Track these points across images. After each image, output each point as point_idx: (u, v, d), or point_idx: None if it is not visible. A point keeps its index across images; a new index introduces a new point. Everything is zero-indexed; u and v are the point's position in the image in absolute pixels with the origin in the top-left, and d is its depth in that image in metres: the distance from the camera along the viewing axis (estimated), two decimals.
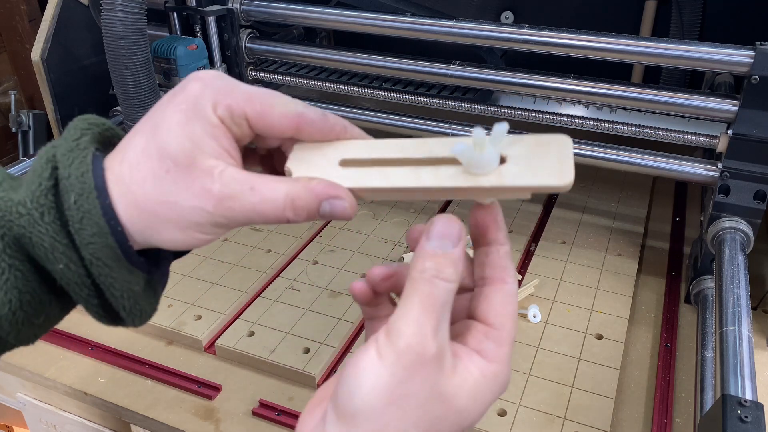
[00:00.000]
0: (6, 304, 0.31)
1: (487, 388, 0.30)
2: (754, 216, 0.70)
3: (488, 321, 0.31)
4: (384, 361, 0.28)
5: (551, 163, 0.30)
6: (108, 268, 0.30)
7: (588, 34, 0.73)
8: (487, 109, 0.86)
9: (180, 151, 0.30)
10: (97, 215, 0.29)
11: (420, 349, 0.28)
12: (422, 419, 0.28)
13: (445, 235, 0.30)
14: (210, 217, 0.30)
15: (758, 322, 0.72)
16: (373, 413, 0.28)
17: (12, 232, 0.30)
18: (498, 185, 0.30)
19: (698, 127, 0.77)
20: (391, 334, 0.28)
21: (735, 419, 0.45)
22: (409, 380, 0.28)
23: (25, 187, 0.30)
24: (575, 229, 0.89)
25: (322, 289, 0.78)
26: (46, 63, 0.93)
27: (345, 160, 0.33)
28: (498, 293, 0.32)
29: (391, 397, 0.28)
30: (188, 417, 0.63)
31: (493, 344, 0.31)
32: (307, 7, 0.87)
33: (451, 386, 0.29)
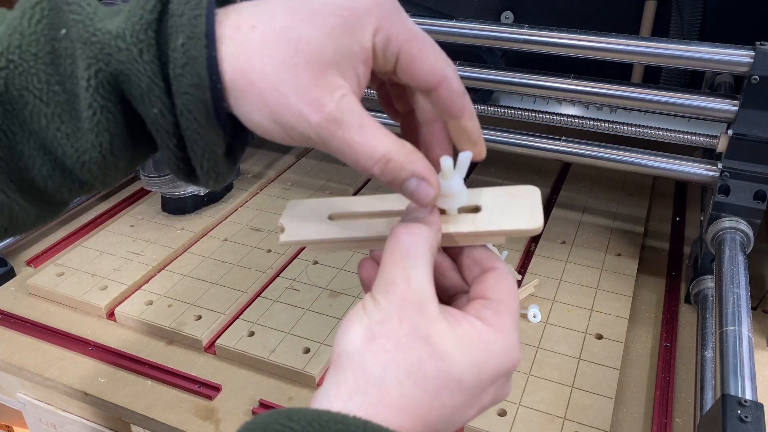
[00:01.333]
0: (96, 147, 0.29)
1: (482, 344, 0.30)
2: (754, 216, 0.70)
3: (486, 296, 0.32)
4: (366, 309, 0.30)
5: (523, 209, 0.33)
6: (197, 123, 0.29)
7: (588, 34, 0.73)
8: (487, 109, 0.86)
9: (318, 53, 0.29)
10: (201, 65, 0.28)
11: (396, 293, 0.29)
12: (402, 358, 0.28)
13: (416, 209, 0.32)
14: (307, 128, 0.29)
15: (758, 322, 0.72)
16: (355, 352, 0.29)
17: (109, 67, 0.28)
18: (474, 230, 0.33)
19: (698, 127, 0.77)
20: (372, 291, 0.30)
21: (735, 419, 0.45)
22: (387, 320, 0.29)
23: (124, 17, 0.29)
24: (575, 229, 0.89)
25: (322, 289, 0.78)
26: None
27: (334, 214, 0.35)
28: (491, 275, 0.33)
29: (370, 336, 0.29)
30: (188, 417, 0.63)
31: (491, 312, 0.31)
32: None
33: (435, 330, 0.29)
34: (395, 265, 0.30)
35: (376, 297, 0.30)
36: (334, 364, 0.30)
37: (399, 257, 0.30)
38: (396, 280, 0.30)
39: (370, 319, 0.29)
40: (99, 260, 0.83)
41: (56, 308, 0.78)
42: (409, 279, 0.30)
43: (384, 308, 0.29)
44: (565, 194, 0.98)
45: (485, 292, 0.32)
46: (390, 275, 0.30)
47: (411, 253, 0.30)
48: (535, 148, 0.83)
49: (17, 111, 0.29)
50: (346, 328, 0.30)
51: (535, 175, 1.02)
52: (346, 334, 0.30)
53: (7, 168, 0.30)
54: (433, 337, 0.29)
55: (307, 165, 1.08)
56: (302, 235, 0.35)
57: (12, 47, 0.28)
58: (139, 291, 0.78)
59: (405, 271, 0.30)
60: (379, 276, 0.31)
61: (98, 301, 0.76)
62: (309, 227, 0.35)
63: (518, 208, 0.33)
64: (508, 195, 0.34)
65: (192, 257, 0.85)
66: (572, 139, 0.81)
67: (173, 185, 0.91)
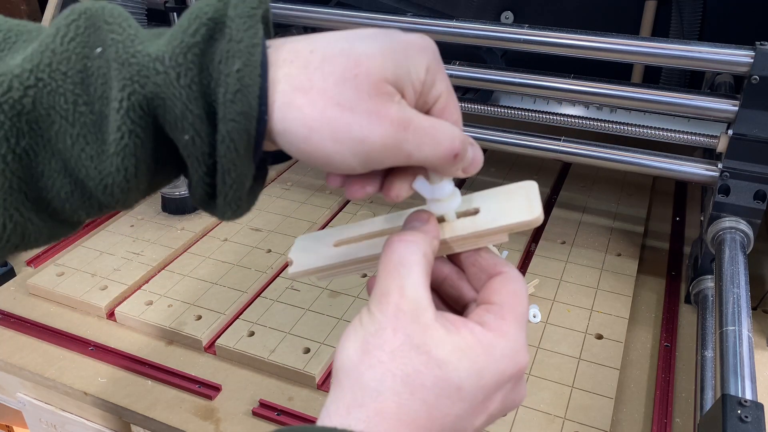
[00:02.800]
0: (121, 172, 0.29)
1: (481, 350, 0.29)
2: (754, 216, 0.70)
3: (489, 300, 0.32)
4: (362, 321, 0.30)
5: (521, 203, 0.32)
6: (236, 153, 0.28)
7: (588, 34, 0.73)
8: (487, 109, 0.86)
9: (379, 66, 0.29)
10: (253, 93, 0.27)
11: (390, 303, 0.29)
12: (398, 368, 0.28)
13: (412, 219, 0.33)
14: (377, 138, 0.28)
15: (758, 322, 0.72)
16: (351, 365, 0.29)
17: (144, 90, 0.28)
18: (473, 231, 0.33)
19: (698, 127, 0.77)
20: (369, 303, 0.31)
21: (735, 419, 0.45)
22: (381, 331, 0.29)
23: (166, 41, 0.28)
24: (575, 229, 0.89)
25: (322, 289, 0.78)
26: None
27: (339, 241, 0.36)
28: (497, 279, 0.33)
29: (365, 349, 0.29)
30: (188, 417, 0.63)
31: (493, 316, 0.31)
32: (307, 7, 0.87)
33: (431, 338, 0.29)
34: (389, 275, 0.30)
35: (371, 309, 0.30)
36: (333, 380, 0.30)
37: (392, 267, 0.30)
38: (390, 290, 0.30)
39: (365, 332, 0.29)
40: (99, 260, 0.83)
41: (56, 308, 0.78)
42: (402, 288, 0.30)
43: (378, 319, 0.29)
44: (565, 194, 0.98)
45: (489, 297, 0.32)
46: (384, 286, 0.30)
47: (404, 261, 0.30)
48: (535, 148, 0.83)
49: (43, 130, 0.28)
50: (342, 342, 0.30)
51: (535, 175, 1.02)
52: (342, 348, 0.30)
53: (26, 188, 0.29)
54: (428, 346, 0.28)
55: (307, 165, 1.08)
56: (309, 264, 0.36)
57: (42, 65, 0.28)
58: (139, 291, 0.78)
59: (399, 280, 0.30)
60: (374, 288, 0.31)
61: (98, 301, 0.76)
62: (315, 256, 0.36)
63: (516, 203, 0.33)
64: (504, 193, 0.34)
65: (192, 257, 0.85)
66: (572, 139, 0.81)
67: (173, 185, 0.91)
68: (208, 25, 0.28)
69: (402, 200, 0.33)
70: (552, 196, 0.99)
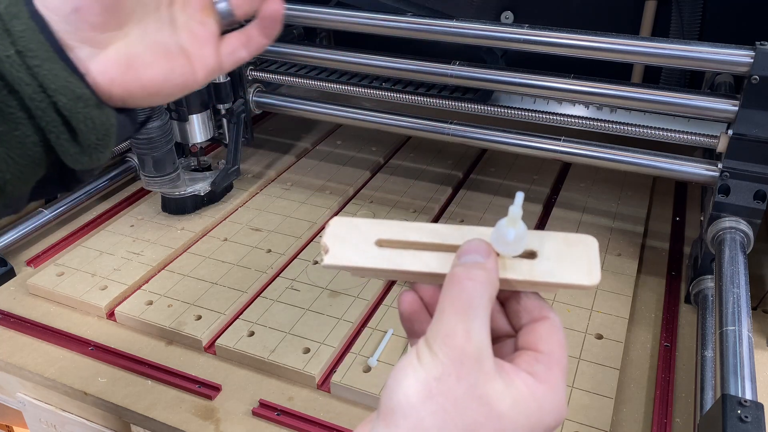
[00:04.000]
0: None
1: (535, 405, 0.29)
2: (754, 216, 0.70)
3: (537, 348, 0.31)
4: (422, 360, 0.29)
5: (580, 261, 0.31)
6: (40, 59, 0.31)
7: (588, 34, 0.73)
8: (487, 109, 0.86)
9: None
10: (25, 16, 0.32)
11: (455, 349, 0.28)
12: (460, 418, 0.28)
13: (473, 251, 0.31)
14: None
15: (758, 322, 0.72)
16: (411, 409, 0.28)
17: None
18: (529, 279, 0.31)
19: (698, 127, 0.77)
20: (428, 338, 0.29)
21: (735, 419, 0.45)
22: (446, 377, 0.28)
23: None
24: (575, 229, 0.89)
25: (322, 289, 0.78)
26: None
27: (381, 240, 0.33)
28: (543, 325, 0.32)
29: (428, 393, 0.28)
30: (188, 417, 0.63)
31: (543, 367, 0.30)
32: (307, 7, 0.87)
33: (493, 389, 0.28)
34: (456, 315, 0.29)
35: (433, 348, 0.29)
36: (386, 418, 0.28)
37: (460, 306, 0.29)
38: (456, 332, 0.28)
39: (427, 374, 0.28)
40: (99, 260, 0.83)
41: (56, 308, 0.78)
42: (469, 332, 0.28)
43: (442, 362, 0.28)
44: (565, 194, 0.98)
45: (537, 344, 0.31)
46: (450, 325, 0.29)
47: (473, 303, 0.29)
48: (535, 148, 0.83)
49: None
50: (398, 378, 0.29)
51: (535, 175, 1.02)
52: (398, 385, 0.28)
53: None
54: (491, 398, 0.28)
55: (306, 165, 1.08)
56: (347, 259, 0.33)
57: None
58: (139, 291, 0.78)
59: (466, 323, 0.29)
60: (436, 323, 0.29)
61: (98, 301, 0.76)
62: (354, 252, 0.33)
63: (576, 259, 0.31)
64: (565, 243, 0.32)
65: (192, 257, 0.85)
66: (572, 139, 0.81)
67: (173, 185, 0.91)
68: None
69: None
70: (552, 196, 0.99)
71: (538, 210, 0.94)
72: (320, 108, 0.96)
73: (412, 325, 0.34)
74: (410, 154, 1.11)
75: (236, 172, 0.98)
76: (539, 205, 0.95)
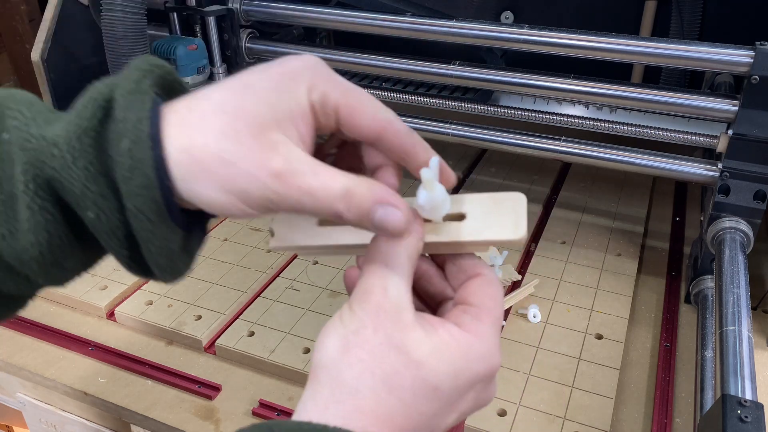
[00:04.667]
0: (35, 246, 0.29)
1: (459, 353, 0.30)
2: (754, 216, 0.70)
3: (467, 302, 0.32)
4: (342, 319, 0.30)
5: (507, 217, 0.32)
6: (150, 222, 0.29)
7: (588, 34, 0.73)
8: (487, 109, 0.86)
9: (255, 117, 0.29)
10: (148, 166, 0.28)
11: (372, 302, 0.30)
12: (378, 367, 0.29)
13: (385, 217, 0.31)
14: (261, 188, 0.29)
15: (758, 322, 0.72)
16: (331, 362, 0.29)
17: (43, 173, 0.29)
18: (456, 240, 0.32)
19: (698, 127, 0.77)
20: (350, 300, 0.31)
21: (735, 419, 0.45)
22: (362, 330, 0.29)
23: (63, 124, 0.29)
24: (575, 229, 0.89)
25: (322, 289, 0.78)
26: (46, 63, 0.93)
27: (323, 220, 0.35)
28: (475, 281, 0.33)
29: (345, 346, 0.29)
30: (188, 417, 0.63)
31: (470, 317, 0.31)
32: (307, 7, 0.87)
33: (410, 339, 0.29)
34: (373, 274, 0.30)
35: (352, 306, 0.30)
36: (311, 375, 0.30)
37: (377, 266, 0.31)
38: (373, 288, 0.30)
39: (346, 329, 0.30)
40: None
41: (56, 308, 0.78)
42: (386, 288, 0.30)
43: (359, 317, 0.30)
44: (565, 194, 0.98)
45: (467, 298, 0.33)
46: (367, 284, 0.30)
47: (389, 261, 0.31)
48: (535, 148, 0.83)
49: None
50: (322, 338, 0.30)
51: (535, 175, 1.02)
52: (322, 344, 0.30)
53: None
54: (408, 346, 0.29)
55: None
56: (291, 240, 0.35)
57: None
58: (139, 291, 0.78)
59: (383, 279, 0.30)
60: (357, 284, 0.31)
61: (98, 301, 0.76)
62: (298, 233, 0.35)
63: (503, 215, 0.32)
64: (492, 202, 0.33)
65: None
66: (572, 139, 0.81)
67: None
68: (103, 106, 0.29)
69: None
70: (552, 196, 0.99)
71: (538, 210, 0.94)
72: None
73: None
74: None
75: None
76: (539, 205, 0.95)
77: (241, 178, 0.29)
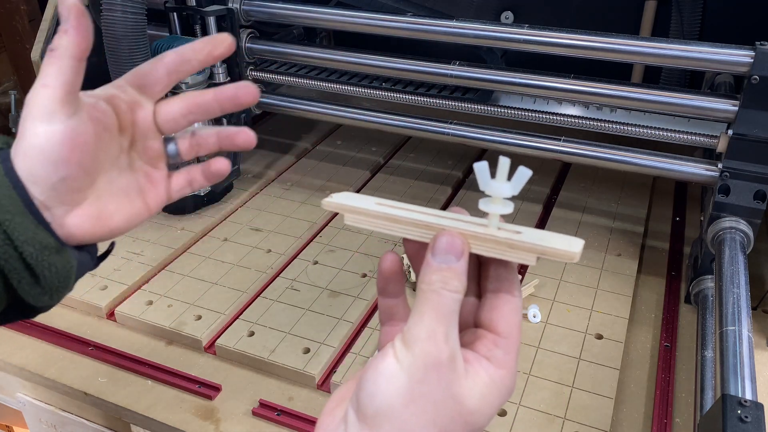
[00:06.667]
0: None
1: (496, 391, 0.32)
2: (754, 216, 0.70)
3: (497, 330, 0.33)
4: (402, 364, 0.30)
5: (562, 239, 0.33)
6: (11, 214, 0.34)
7: (588, 34, 0.73)
8: (487, 109, 0.86)
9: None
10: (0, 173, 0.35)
11: (434, 353, 0.30)
12: (439, 417, 0.30)
13: (449, 250, 0.32)
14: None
15: (758, 322, 0.72)
16: (394, 413, 0.30)
17: None
18: (511, 238, 0.33)
19: (698, 127, 0.77)
20: (407, 340, 0.30)
21: (735, 419, 0.45)
22: (426, 381, 0.30)
23: None
24: (575, 229, 0.89)
25: (322, 289, 0.78)
26: None
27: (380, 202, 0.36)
28: (506, 304, 0.34)
29: (409, 397, 0.30)
30: (188, 417, 0.63)
31: (502, 352, 0.33)
32: (307, 7, 0.87)
33: (464, 388, 0.31)
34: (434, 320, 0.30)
35: (412, 348, 0.30)
36: (370, 421, 0.30)
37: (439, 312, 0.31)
38: (436, 336, 0.30)
39: (409, 378, 0.30)
40: None
41: (56, 308, 0.77)
42: (447, 336, 0.30)
43: (423, 365, 0.30)
44: (565, 194, 0.98)
45: (497, 326, 0.33)
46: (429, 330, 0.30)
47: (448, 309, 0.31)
48: (535, 148, 0.83)
49: None
50: (377, 379, 0.30)
51: (535, 175, 1.02)
52: (378, 388, 0.30)
53: None
54: (463, 396, 0.30)
55: (307, 165, 1.08)
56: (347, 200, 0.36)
57: None
58: (139, 291, 0.78)
59: (444, 327, 0.30)
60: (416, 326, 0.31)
61: (98, 301, 0.76)
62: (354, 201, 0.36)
63: (558, 238, 0.33)
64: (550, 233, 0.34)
65: (192, 257, 0.85)
66: (572, 139, 0.81)
67: None
68: None
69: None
70: (552, 196, 0.99)
71: (538, 210, 0.94)
72: (320, 108, 0.96)
73: (386, 285, 0.36)
74: (410, 154, 1.11)
75: (236, 172, 0.98)
76: (539, 205, 0.95)
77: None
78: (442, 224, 0.33)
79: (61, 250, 0.37)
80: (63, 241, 0.37)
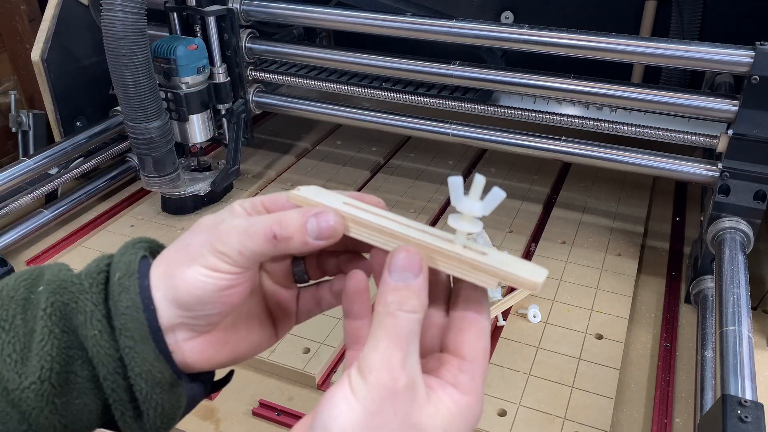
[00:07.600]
0: (37, 371, 0.31)
1: (462, 418, 0.30)
2: (754, 216, 0.70)
3: (461, 354, 0.31)
4: (356, 394, 0.28)
5: (526, 266, 0.31)
6: (133, 341, 0.32)
7: (588, 34, 0.73)
8: (487, 109, 0.86)
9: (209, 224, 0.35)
10: (134, 291, 0.32)
11: (390, 381, 0.28)
12: None
13: (406, 267, 0.30)
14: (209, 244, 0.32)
15: (758, 322, 0.72)
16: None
17: (62, 297, 0.33)
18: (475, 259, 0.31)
19: (698, 127, 0.77)
20: (362, 368, 0.29)
21: (735, 419, 0.45)
22: (382, 412, 0.28)
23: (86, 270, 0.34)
24: (575, 229, 0.89)
25: None
26: (46, 63, 0.93)
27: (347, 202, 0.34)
28: (472, 327, 0.32)
29: (364, 428, 0.28)
30: (188, 417, 0.62)
31: (467, 377, 0.31)
32: (307, 7, 0.87)
33: (425, 416, 0.29)
34: (390, 347, 0.29)
35: (368, 379, 0.28)
36: None
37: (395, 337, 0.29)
38: (391, 364, 0.28)
39: (364, 410, 0.28)
40: None
41: None
42: (404, 363, 0.29)
43: (379, 396, 0.28)
44: (565, 194, 0.98)
45: (461, 349, 0.31)
46: (384, 357, 0.29)
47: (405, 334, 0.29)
48: (535, 148, 0.83)
49: None
50: (332, 411, 0.28)
51: (535, 175, 1.02)
52: (334, 422, 0.28)
53: None
54: (423, 424, 0.29)
55: (307, 165, 1.08)
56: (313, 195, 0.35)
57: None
58: None
59: (400, 353, 0.29)
60: (371, 353, 0.29)
61: None
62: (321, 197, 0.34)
63: (522, 264, 0.31)
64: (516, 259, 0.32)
65: None
66: (572, 139, 0.82)
67: (173, 185, 0.91)
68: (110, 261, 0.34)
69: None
70: (552, 196, 0.99)
71: (538, 210, 0.94)
72: (320, 108, 0.96)
73: (351, 306, 0.34)
74: (410, 154, 1.11)
75: (236, 172, 0.98)
76: (539, 205, 0.95)
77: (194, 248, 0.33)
78: (407, 234, 0.32)
79: (174, 384, 0.33)
80: (180, 370, 0.34)
